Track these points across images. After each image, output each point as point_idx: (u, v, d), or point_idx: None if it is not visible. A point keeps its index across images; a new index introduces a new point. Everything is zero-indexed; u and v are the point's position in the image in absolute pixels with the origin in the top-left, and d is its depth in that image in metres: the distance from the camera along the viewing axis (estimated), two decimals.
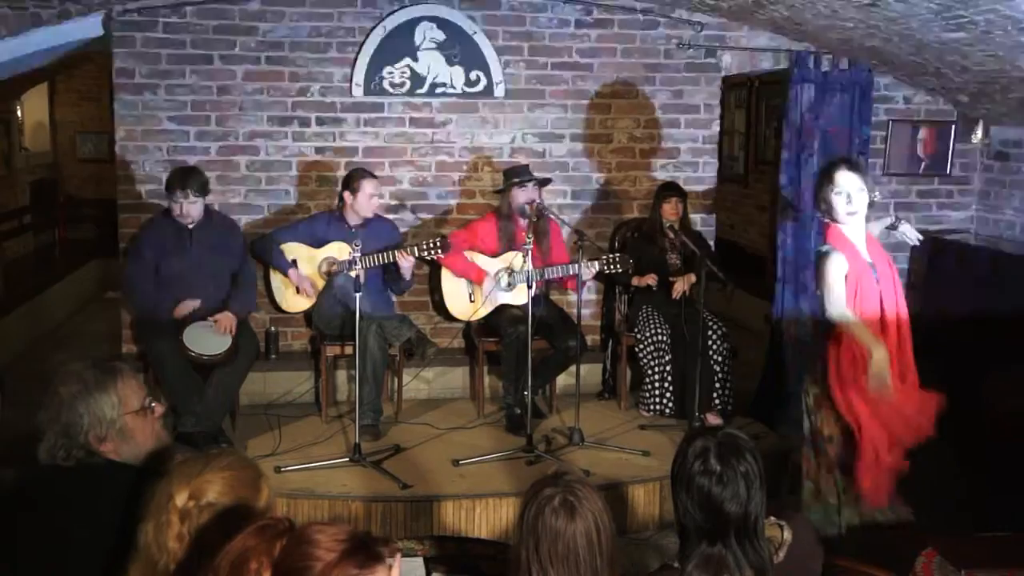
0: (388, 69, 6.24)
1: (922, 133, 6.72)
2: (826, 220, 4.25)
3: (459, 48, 6.27)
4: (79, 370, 2.64)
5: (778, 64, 6.56)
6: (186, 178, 5.33)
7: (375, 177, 5.74)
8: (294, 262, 5.75)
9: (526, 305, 5.21)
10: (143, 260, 5.41)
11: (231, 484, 2.08)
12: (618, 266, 5.61)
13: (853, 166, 4.30)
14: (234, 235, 5.67)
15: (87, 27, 5.99)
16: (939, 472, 5.76)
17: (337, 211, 5.80)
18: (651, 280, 5.94)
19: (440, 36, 6.25)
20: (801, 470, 4.41)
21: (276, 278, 5.84)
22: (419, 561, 3.18)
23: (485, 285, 5.80)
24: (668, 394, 5.85)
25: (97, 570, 2.33)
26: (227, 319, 5.30)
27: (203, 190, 5.39)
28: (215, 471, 2.08)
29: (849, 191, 4.11)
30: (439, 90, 6.31)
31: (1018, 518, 4.58)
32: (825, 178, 4.27)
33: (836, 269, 4.09)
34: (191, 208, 5.31)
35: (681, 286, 5.90)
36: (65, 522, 2.45)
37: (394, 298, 6.00)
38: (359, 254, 5.02)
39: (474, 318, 5.92)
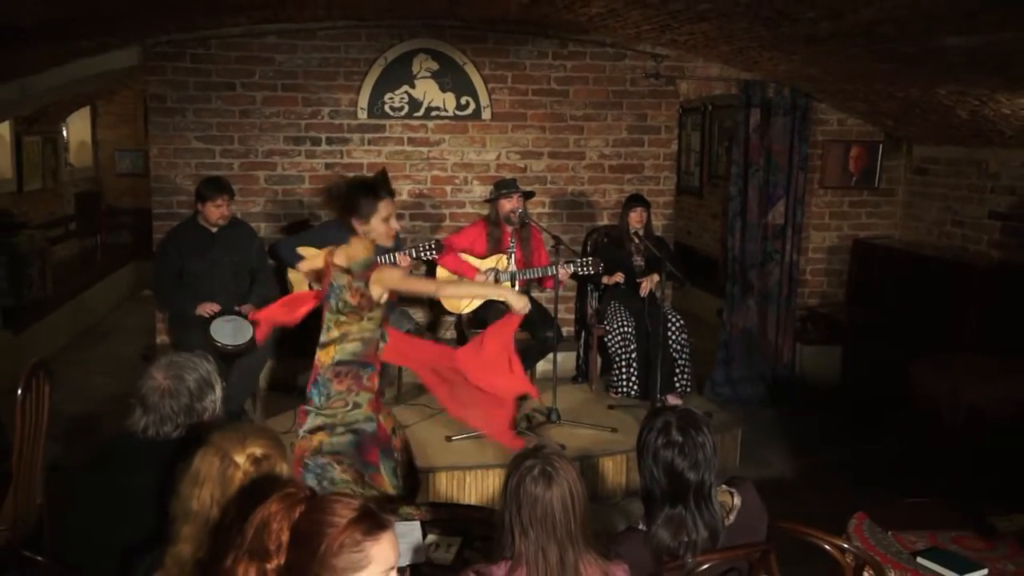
0: (389, 95, 6.23)
1: (853, 151, 6.75)
2: None
3: (451, 77, 6.27)
4: (193, 360, 2.68)
5: (729, 91, 6.58)
6: (222, 184, 5.36)
7: None
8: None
9: None
10: (169, 261, 5.38)
11: (270, 444, 2.16)
12: (590, 268, 5.60)
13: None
14: (251, 238, 5.64)
15: (124, 58, 5.96)
16: (869, 444, 5.81)
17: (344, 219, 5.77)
18: (619, 278, 5.94)
19: (434, 66, 6.24)
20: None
21: (291, 278, 5.81)
22: (416, 524, 3.17)
23: (477, 279, 5.77)
24: (633, 378, 5.85)
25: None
26: (252, 310, 5.30)
27: (233, 195, 5.42)
28: (255, 435, 2.16)
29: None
30: (433, 113, 6.30)
31: (938, 483, 4.61)
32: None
33: None
34: (227, 211, 5.32)
35: (647, 285, 5.90)
36: (157, 486, 2.44)
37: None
38: None
39: (465, 312, 5.90)
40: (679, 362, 5.84)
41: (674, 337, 5.82)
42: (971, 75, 4.70)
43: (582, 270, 5.61)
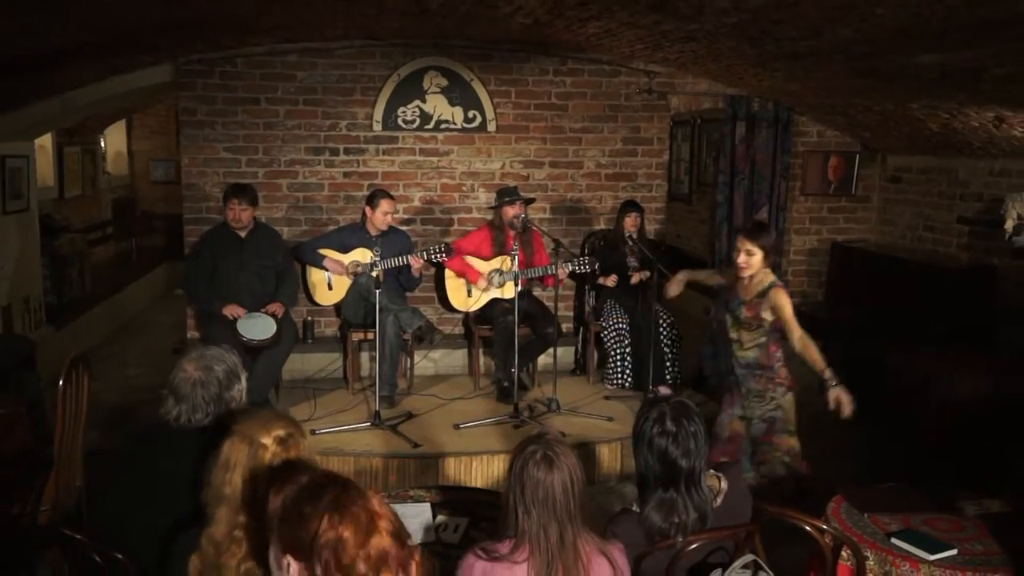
0: (401, 109, 6.23)
1: (832, 161, 6.74)
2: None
3: (459, 92, 6.26)
4: (220, 353, 2.67)
5: (716, 105, 6.56)
6: (240, 189, 5.38)
7: (391, 197, 5.71)
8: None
9: (513, 299, 5.20)
10: (201, 261, 5.39)
11: (290, 425, 2.17)
12: (586, 267, 5.61)
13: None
14: (277, 242, 5.65)
15: (157, 74, 5.97)
16: (846, 433, 5.79)
17: (361, 223, 5.78)
18: (611, 282, 5.94)
19: (444, 82, 6.23)
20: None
21: (312, 278, 5.81)
22: (427, 506, 3.17)
23: (480, 283, 5.78)
24: (627, 371, 5.85)
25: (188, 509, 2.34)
26: (278, 306, 5.35)
27: (253, 201, 5.40)
28: (275, 419, 2.17)
29: None
30: (443, 126, 6.29)
31: (911, 469, 4.60)
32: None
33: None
34: (243, 214, 5.31)
35: (638, 277, 5.90)
36: (190, 469, 2.44)
37: (407, 293, 5.98)
38: (379, 258, 5.00)
39: (471, 309, 5.90)
40: (669, 356, 5.83)
41: (665, 332, 5.81)
42: (942, 90, 4.68)
43: (579, 269, 5.61)
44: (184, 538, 2.18)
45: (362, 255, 5.65)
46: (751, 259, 4.00)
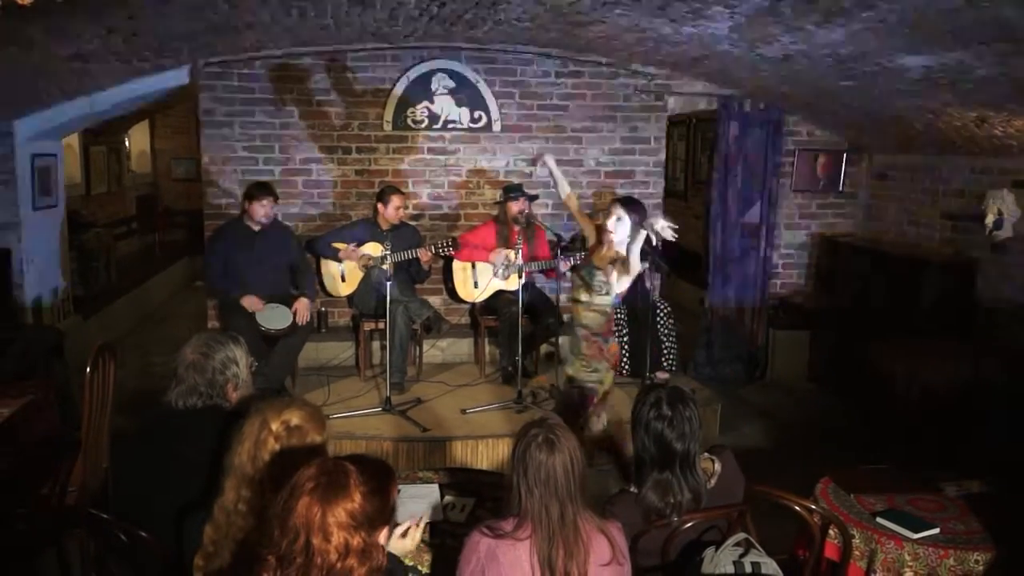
0: (411, 109, 6.21)
1: (821, 159, 6.71)
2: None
3: (465, 93, 6.24)
4: (222, 339, 2.70)
5: (711, 106, 6.54)
6: (264, 187, 5.36)
7: (402, 193, 5.71)
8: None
9: (517, 291, 5.19)
10: (216, 254, 5.38)
11: (307, 417, 2.16)
12: None
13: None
14: (289, 237, 5.62)
15: (178, 76, 5.96)
16: (833, 418, 5.79)
17: (372, 218, 5.77)
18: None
19: (451, 84, 6.21)
20: None
21: (326, 270, 5.81)
22: (435, 487, 3.17)
23: (493, 258, 5.74)
24: (625, 358, 5.83)
25: (201, 486, 2.36)
26: (304, 306, 5.27)
27: (277, 198, 5.40)
28: (296, 407, 2.17)
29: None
30: (450, 126, 6.28)
31: (894, 452, 4.59)
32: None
33: None
34: (270, 210, 5.30)
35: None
36: (191, 450, 2.48)
37: (416, 285, 5.97)
38: (389, 251, 4.99)
39: (477, 300, 5.89)
40: (666, 344, 5.82)
41: (662, 322, 5.80)
42: (926, 91, 4.66)
43: (580, 263, 5.59)
44: (203, 514, 2.19)
45: (374, 249, 5.64)
46: (619, 224, 4.04)
